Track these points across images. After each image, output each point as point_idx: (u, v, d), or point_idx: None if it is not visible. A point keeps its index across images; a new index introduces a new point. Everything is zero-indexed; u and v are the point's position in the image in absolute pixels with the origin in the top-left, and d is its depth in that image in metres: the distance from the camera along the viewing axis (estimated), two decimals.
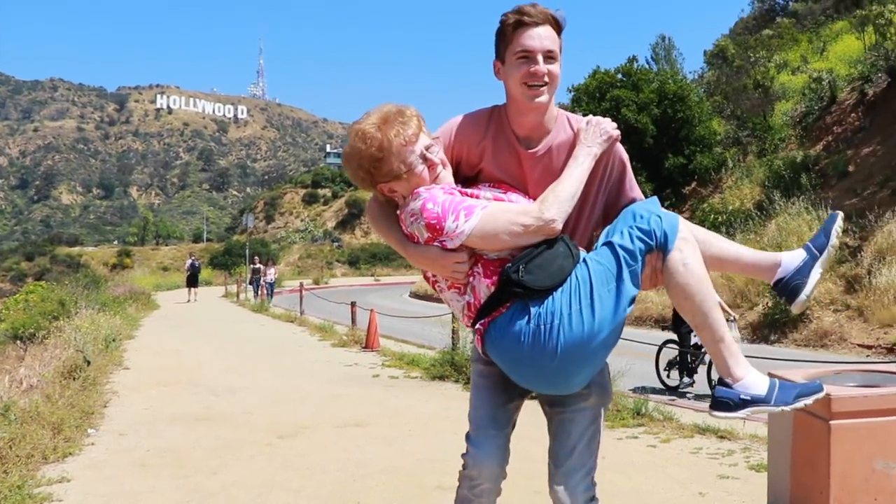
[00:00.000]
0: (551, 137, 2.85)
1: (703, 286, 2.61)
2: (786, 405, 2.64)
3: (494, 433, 2.89)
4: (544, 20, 2.71)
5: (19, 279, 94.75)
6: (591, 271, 2.57)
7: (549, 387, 2.72)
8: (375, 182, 2.77)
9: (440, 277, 2.76)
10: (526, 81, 2.71)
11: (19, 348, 13.06)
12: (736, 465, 6.05)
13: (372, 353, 14.16)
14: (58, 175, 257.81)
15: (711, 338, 2.65)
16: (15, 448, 6.15)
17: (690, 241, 2.64)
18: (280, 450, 6.91)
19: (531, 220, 2.61)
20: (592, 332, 2.52)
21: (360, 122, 2.76)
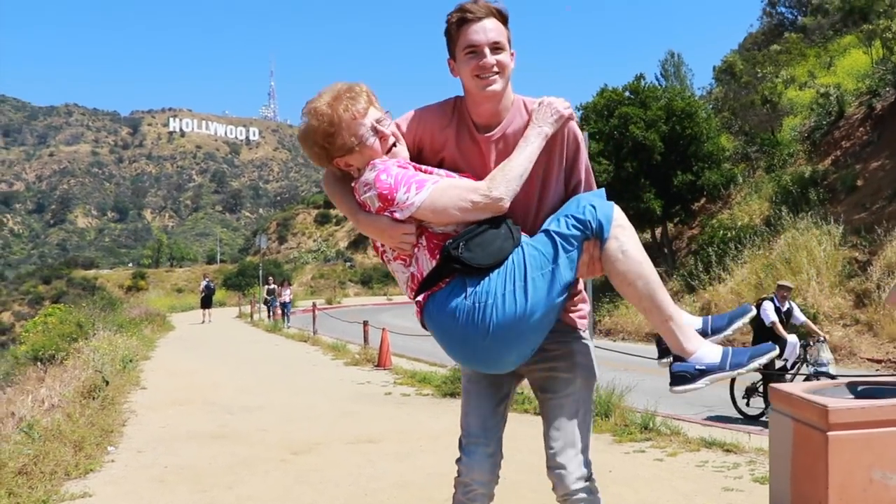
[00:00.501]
0: (507, 122, 2.91)
1: (645, 270, 2.68)
2: (741, 367, 2.69)
3: (485, 441, 2.98)
4: (487, 13, 2.79)
5: (37, 302, 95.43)
6: (526, 255, 2.65)
7: (481, 365, 2.80)
8: (331, 157, 2.86)
9: (388, 248, 2.83)
10: (477, 74, 2.79)
11: (39, 369, 13.27)
12: (741, 477, 6.12)
13: (384, 372, 14.29)
14: (73, 199, 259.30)
15: (660, 318, 2.71)
16: (39, 464, 6.35)
17: (627, 227, 2.70)
18: (294, 465, 7.06)
19: (479, 196, 2.68)
20: (524, 314, 2.60)
21: (312, 100, 2.85)
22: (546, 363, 2.97)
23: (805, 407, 3.80)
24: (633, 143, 22.66)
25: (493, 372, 2.90)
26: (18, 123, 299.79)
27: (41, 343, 15.12)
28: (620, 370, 10.24)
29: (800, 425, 3.86)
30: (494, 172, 2.77)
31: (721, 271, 19.29)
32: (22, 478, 6.03)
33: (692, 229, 26.68)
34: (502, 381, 3.04)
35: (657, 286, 2.70)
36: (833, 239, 17.29)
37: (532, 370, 3.00)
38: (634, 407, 8.72)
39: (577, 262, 2.68)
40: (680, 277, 21.39)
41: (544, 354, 2.92)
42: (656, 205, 22.90)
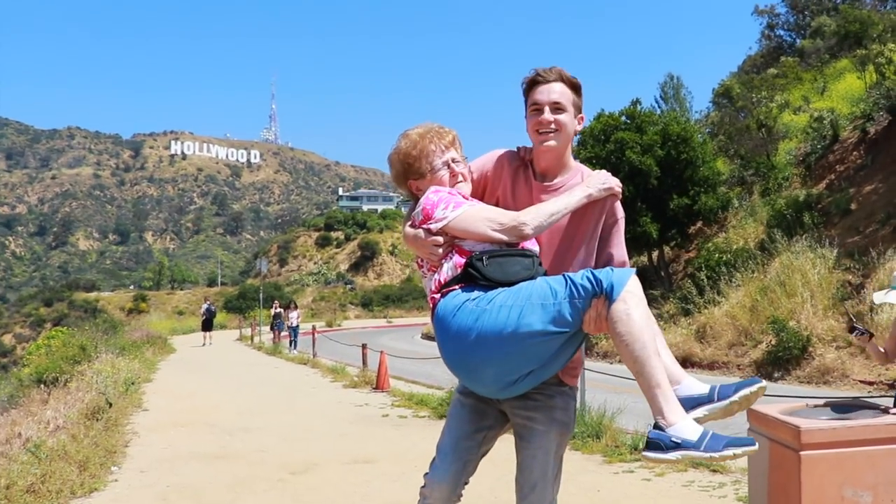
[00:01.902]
0: (566, 178, 3.25)
1: (644, 335, 2.78)
2: (714, 452, 2.69)
3: (451, 459, 3.20)
4: (557, 78, 3.18)
5: (38, 324, 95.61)
6: (536, 285, 2.87)
7: (463, 370, 2.97)
8: (407, 178, 3.24)
9: (424, 262, 3.11)
10: (537, 129, 3.17)
11: (43, 391, 13.47)
12: (725, 496, 6.25)
13: (382, 394, 14.43)
14: (75, 222, 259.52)
15: (648, 384, 2.79)
16: (46, 483, 6.58)
17: (638, 296, 2.82)
18: (292, 485, 7.26)
19: (507, 219, 2.99)
20: (510, 331, 2.77)
21: (410, 129, 3.28)
22: (526, 411, 3.14)
23: (780, 427, 3.98)
24: (629, 167, 22.77)
25: (474, 386, 3.04)
26: (21, 147, 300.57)
27: (45, 366, 15.31)
28: (613, 392, 10.43)
29: (775, 445, 4.03)
30: (529, 208, 3.08)
31: (716, 294, 19.45)
32: (30, 496, 6.25)
33: (688, 253, 26.80)
34: (487, 412, 3.24)
35: (652, 353, 2.79)
36: (827, 262, 17.44)
37: (514, 413, 3.17)
38: (625, 428, 8.85)
39: (583, 312, 2.81)
40: (676, 300, 21.53)
41: (526, 402, 3.12)
42: (653, 228, 23.03)
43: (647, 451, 2.80)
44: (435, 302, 3.02)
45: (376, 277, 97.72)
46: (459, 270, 2.98)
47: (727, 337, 18.03)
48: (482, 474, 6.56)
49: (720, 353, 17.72)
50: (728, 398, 2.90)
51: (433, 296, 3.04)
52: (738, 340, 17.65)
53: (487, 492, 6.44)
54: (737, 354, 17.38)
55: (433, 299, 3.03)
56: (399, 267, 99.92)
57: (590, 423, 8.73)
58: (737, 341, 17.68)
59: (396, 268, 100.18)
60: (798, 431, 3.71)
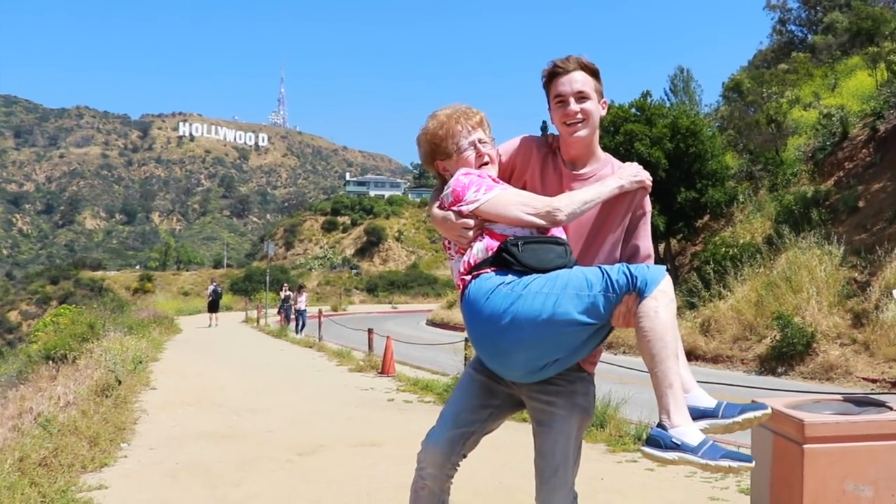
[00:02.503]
0: (597, 167, 3.28)
1: (668, 335, 2.83)
2: (711, 461, 2.75)
3: (450, 426, 3.23)
4: (576, 67, 3.19)
5: (44, 302, 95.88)
6: (572, 275, 2.89)
7: (494, 354, 2.96)
8: (434, 158, 3.27)
9: (451, 244, 3.13)
10: (563, 121, 3.19)
11: (52, 368, 13.57)
12: (727, 488, 6.30)
13: (388, 379, 14.50)
14: (82, 201, 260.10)
15: (660, 382, 2.84)
16: (58, 457, 6.69)
17: (669, 295, 2.87)
18: (299, 465, 7.35)
19: (540, 203, 3.01)
20: (545, 317, 2.80)
21: (438, 110, 3.30)
22: (547, 395, 3.13)
23: (784, 421, 4.03)
24: (637, 159, 22.64)
25: (501, 370, 3.03)
26: (30, 125, 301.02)
27: (53, 342, 15.40)
28: (617, 382, 10.49)
29: (779, 438, 4.08)
30: (562, 195, 3.12)
31: (721, 288, 19.49)
32: (42, 469, 6.35)
33: (695, 246, 26.80)
34: (497, 392, 3.25)
35: (672, 354, 2.85)
36: (833, 259, 17.46)
37: (533, 398, 3.17)
38: (629, 418, 8.92)
39: (614, 307, 2.85)
40: (681, 293, 21.54)
41: (547, 387, 3.12)
42: (660, 221, 23.01)
43: (646, 447, 2.86)
44: (465, 283, 3.02)
45: (382, 263, 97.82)
46: (491, 253, 2.98)
47: (732, 331, 18.07)
48: (485, 460, 6.70)
49: (724, 347, 17.77)
50: (731, 418, 2.96)
51: (462, 277, 3.04)
52: (742, 335, 17.70)
53: (490, 476, 6.54)
54: (741, 349, 17.42)
55: (463, 280, 3.03)
56: (405, 253, 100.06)
57: (594, 412, 8.79)
58: (741, 336, 17.73)
59: (402, 254, 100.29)
60: (802, 425, 3.73)
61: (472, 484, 6.26)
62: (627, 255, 3.29)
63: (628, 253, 3.30)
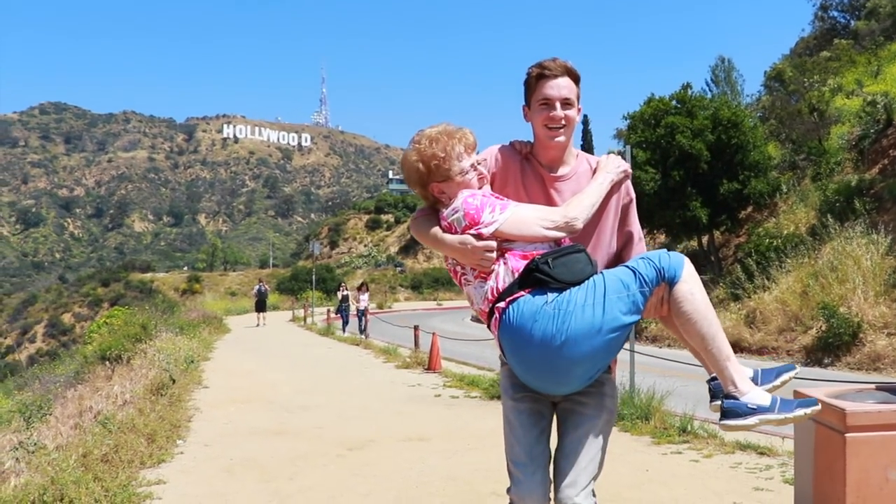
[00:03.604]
0: (574, 166, 3.29)
1: (709, 312, 2.92)
2: (788, 413, 2.87)
3: (533, 469, 3.09)
4: (563, 72, 3.19)
5: (96, 304, 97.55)
6: (606, 279, 2.91)
7: (549, 375, 2.93)
8: (429, 181, 3.15)
9: (468, 270, 3.06)
10: (546, 124, 3.18)
11: (107, 368, 13.91)
12: (772, 478, 6.32)
13: (434, 375, 14.62)
14: (130, 204, 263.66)
15: (718, 357, 2.93)
16: (118, 453, 6.95)
17: (696, 277, 2.96)
18: (349, 460, 7.53)
19: (558, 216, 3.03)
20: (600, 327, 2.82)
21: (426, 129, 3.21)
22: (578, 396, 3.10)
23: (826, 410, 4.07)
24: (679, 152, 22.74)
25: (557, 389, 3.03)
26: (79, 131, 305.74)
27: (108, 343, 15.75)
28: (662, 375, 10.55)
29: (821, 427, 4.13)
30: (569, 201, 3.13)
31: (766, 280, 19.36)
32: (104, 465, 6.61)
33: (738, 237, 26.60)
34: (543, 412, 3.19)
35: (719, 328, 2.94)
36: (879, 248, 17.27)
37: (566, 397, 3.14)
38: (673, 410, 8.93)
39: (647, 302, 2.92)
40: (725, 285, 21.44)
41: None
42: (702, 213, 22.99)
43: (725, 420, 2.93)
44: (500, 311, 2.95)
45: (426, 260, 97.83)
46: (518, 275, 2.94)
47: (777, 322, 17.95)
48: None
49: (770, 339, 17.66)
50: (770, 382, 3.08)
51: (495, 305, 2.97)
52: (787, 326, 17.58)
53: None
54: (786, 340, 17.31)
55: (497, 308, 2.96)
56: None
57: (639, 405, 8.86)
58: (786, 327, 17.61)
59: None
60: (844, 414, 3.78)
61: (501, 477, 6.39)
62: (622, 242, 3.36)
63: (623, 239, 3.36)
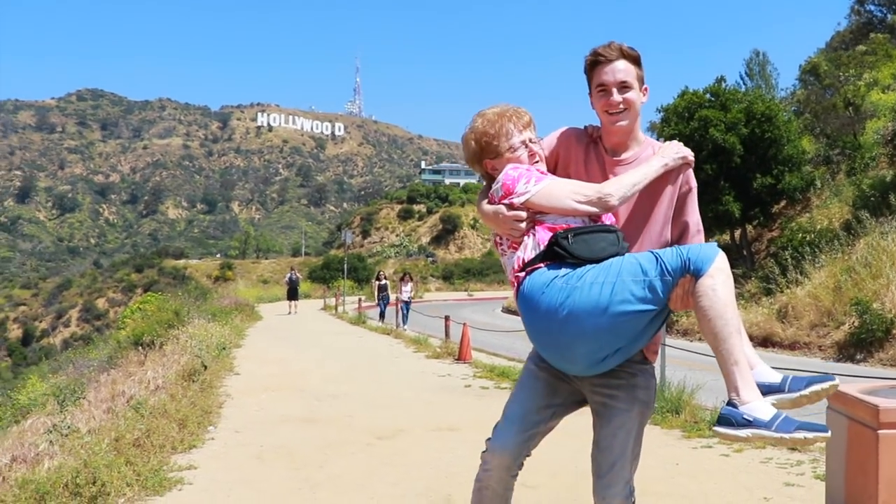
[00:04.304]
0: (638, 151, 3.25)
1: (728, 312, 2.79)
2: (785, 433, 2.70)
3: (517, 429, 3.18)
4: (618, 56, 3.16)
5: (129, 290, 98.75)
6: (625, 262, 2.86)
7: (553, 349, 2.96)
8: (483, 157, 3.25)
9: (504, 240, 3.11)
10: (606, 110, 3.17)
11: (140, 353, 14.06)
12: (803, 474, 6.29)
13: (464, 365, 14.63)
14: (165, 191, 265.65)
15: (726, 360, 2.80)
16: (150, 438, 7.04)
17: (725, 272, 2.82)
18: (379, 449, 7.59)
19: (591, 191, 3.00)
20: (603, 307, 2.77)
21: (485, 109, 3.29)
22: (608, 389, 3.10)
23: (859, 406, 4.07)
24: (712, 145, 22.58)
25: (562, 364, 3.01)
26: (115, 117, 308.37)
27: (141, 329, 15.93)
28: (692, 369, 10.49)
29: (854, 424, 4.13)
30: (610, 179, 3.12)
31: (799, 274, 19.19)
32: (136, 449, 6.69)
33: (771, 232, 26.42)
34: (559, 390, 3.22)
35: (735, 331, 2.80)
36: None
37: (595, 391, 3.14)
38: (704, 404, 8.93)
39: (671, 290, 2.83)
40: (758, 280, 21.29)
41: (609, 380, 3.08)
42: (735, 207, 22.86)
43: (718, 426, 2.82)
44: (519, 280, 3.00)
45: (457, 251, 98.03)
46: (543, 248, 2.96)
47: (809, 317, 17.78)
48: (563, 445, 6.82)
49: (802, 334, 17.51)
50: (798, 391, 2.89)
51: (517, 274, 3.01)
52: (820, 321, 17.42)
53: (568, 461, 6.64)
54: (819, 335, 17.14)
55: (517, 278, 3.01)
56: (480, 241, 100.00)
57: (669, 398, 8.85)
58: (819, 322, 17.45)
59: (478, 242, 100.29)
60: (877, 410, 3.78)
61: (549, 467, 6.39)
62: (678, 232, 3.27)
63: (679, 229, 3.27)
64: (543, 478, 6.14)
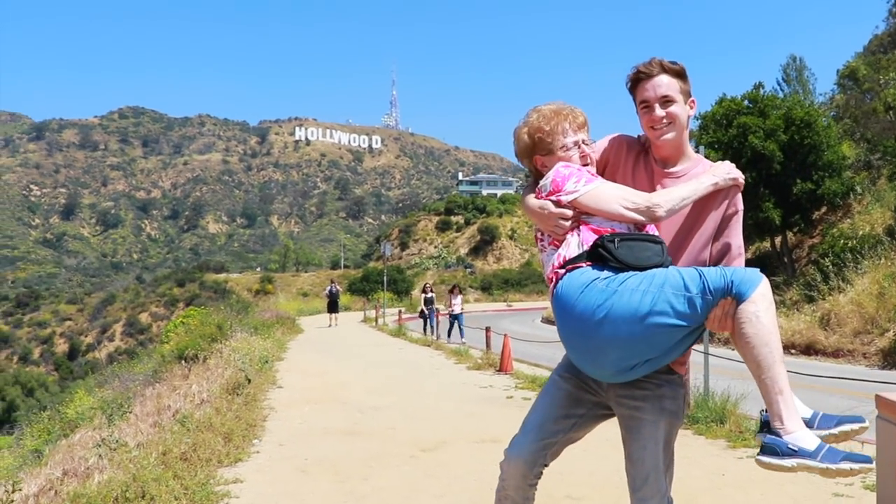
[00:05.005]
0: (689, 166, 3.23)
1: (772, 339, 2.76)
2: (831, 464, 2.66)
3: (533, 438, 3.19)
4: (659, 71, 3.16)
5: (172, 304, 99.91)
6: (669, 274, 2.83)
7: (583, 353, 2.92)
8: (534, 152, 3.24)
9: (545, 236, 3.10)
10: (651, 126, 3.16)
11: (184, 367, 14.21)
12: (852, 484, 6.19)
13: (506, 376, 14.59)
14: (205, 206, 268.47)
15: (770, 389, 2.77)
16: (196, 452, 7.12)
17: (769, 299, 2.79)
18: (423, 461, 7.60)
19: (640, 199, 2.98)
20: (641, 314, 2.75)
21: (540, 105, 3.29)
22: (634, 401, 3.06)
23: None
24: (751, 152, 22.42)
25: (590, 368, 2.97)
26: (156, 134, 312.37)
27: (185, 343, 16.08)
28: (736, 378, 10.39)
29: None
30: (659, 191, 3.11)
31: (841, 281, 18.95)
32: (183, 463, 6.78)
33: (812, 238, 26.15)
34: (582, 401, 3.21)
35: (779, 358, 2.77)
36: None
37: (621, 403, 3.10)
38: (749, 414, 8.85)
39: (710, 309, 2.79)
40: (799, 287, 21.06)
41: (634, 391, 3.05)
42: (775, 214, 22.67)
43: (762, 456, 2.79)
44: (558, 276, 2.97)
45: (496, 261, 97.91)
46: (586, 248, 2.94)
47: (852, 324, 17.53)
48: (605, 457, 6.81)
49: (845, 341, 17.26)
50: (827, 429, 2.87)
51: (556, 270, 2.99)
52: (863, 328, 17.18)
53: (611, 473, 6.62)
54: (862, 342, 16.90)
55: (556, 274, 2.98)
56: (518, 251, 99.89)
57: (713, 408, 8.78)
58: (862, 329, 17.20)
59: (516, 252, 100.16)
60: None
61: (591, 480, 6.39)
62: (719, 253, 3.23)
63: (720, 251, 3.23)
64: (588, 490, 6.13)
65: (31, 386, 74.86)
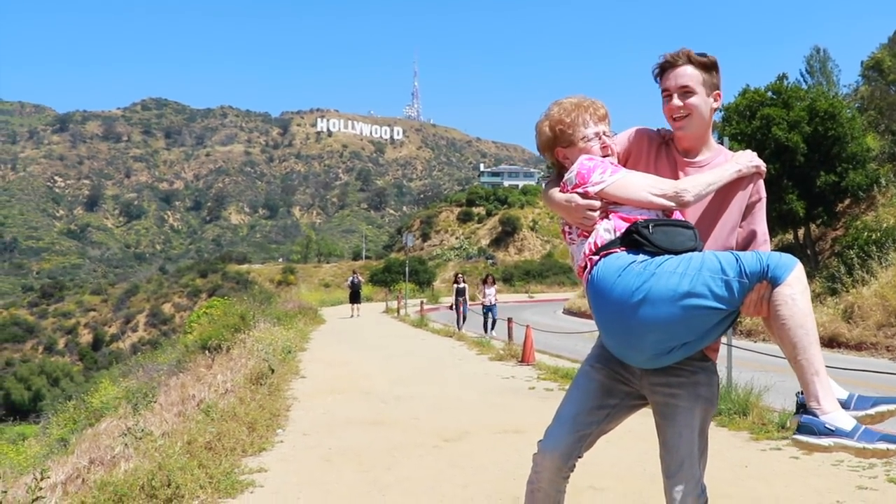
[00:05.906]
0: (711, 156, 3.26)
1: (808, 321, 2.79)
2: (868, 444, 2.68)
3: (568, 430, 3.20)
4: (685, 62, 3.18)
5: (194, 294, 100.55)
6: (706, 257, 2.86)
7: (621, 335, 2.93)
8: (555, 145, 3.26)
9: (573, 228, 3.13)
10: (671, 115, 3.20)
11: (207, 357, 14.32)
12: (876, 477, 6.17)
13: (528, 367, 14.60)
14: (227, 197, 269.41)
15: (806, 370, 2.79)
16: (221, 441, 7.18)
17: (804, 283, 2.82)
18: (446, 451, 7.63)
19: (667, 186, 3.02)
20: (680, 295, 2.77)
21: (562, 98, 3.32)
22: (669, 388, 3.09)
23: None
24: (775, 144, 22.26)
25: (627, 352, 2.98)
26: (178, 126, 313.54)
27: (208, 333, 16.21)
28: (759, 370, 10.37)
29: None
30: (687, 177, 3.14)
31: (865, 273, 18.80)
32: (208, 452, 6.83)
33: (836, 231, 25.94)
34: (615, 391, 3.22)
35: (815, 340, 2.79)
36: None
37: (655, 391, 3.13)
38: (772, 406, 8.83)
39: (746, 294, 2.82)
40: (822, 279, 20.92)
41: (669, 378, 3.08)
42: (799, 206, 22.54)
43: (798, 434, 2.80)
44: (592, 263, 2.98)
45: (517, 253, 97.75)
46: (618, 234, 2.97)
47: (876, 317, 17.38)
48: (629, 448, 6.83)
49: (869, 334, 17.11)
50: (864, 410, 2.88)
51: (590, 257, 3.00)
52: (888, 321, 17.02)
53: (634, 463, 6.63)
54: (886, 335, 16.75)
55: (590, 261, 3.00)
56: (539, 242, 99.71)
57: (736, 400, 8.76)
58: (886, 322, 17.05)
59: (537, 243, 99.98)
60: None
61: (614, 471, 6.40)
62: (745, 240, 3.26)
63: (746, 237, 3.26)
64: (611, 481, 6.14)
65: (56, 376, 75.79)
